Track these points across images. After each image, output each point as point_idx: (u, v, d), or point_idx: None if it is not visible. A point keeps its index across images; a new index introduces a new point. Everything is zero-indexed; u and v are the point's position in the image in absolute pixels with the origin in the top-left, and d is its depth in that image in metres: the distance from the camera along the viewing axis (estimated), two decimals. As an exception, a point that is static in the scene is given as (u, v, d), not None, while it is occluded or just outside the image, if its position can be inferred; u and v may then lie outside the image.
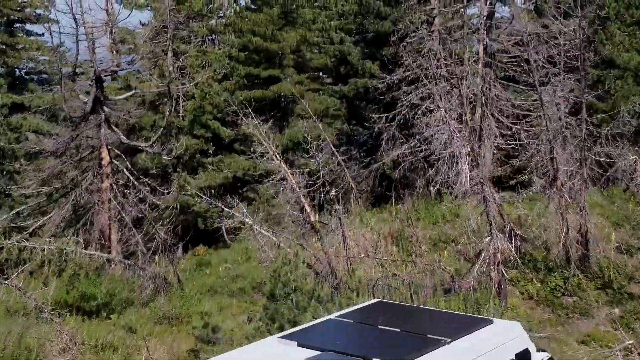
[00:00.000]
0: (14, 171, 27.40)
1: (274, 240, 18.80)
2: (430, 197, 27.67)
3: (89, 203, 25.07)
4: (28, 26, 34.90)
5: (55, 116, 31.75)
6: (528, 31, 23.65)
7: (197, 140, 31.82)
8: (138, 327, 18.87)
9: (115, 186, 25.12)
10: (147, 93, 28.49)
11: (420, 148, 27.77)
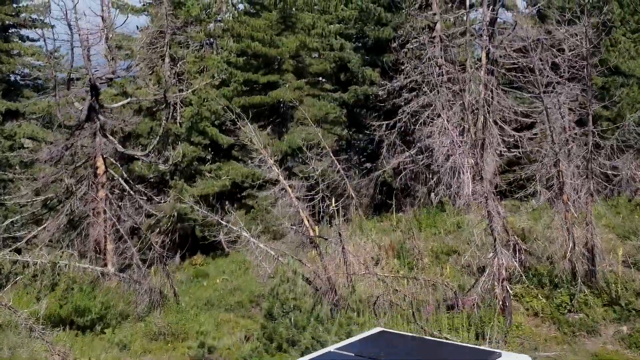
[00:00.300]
0: (8, 180, 26.94)
1: (272, 254, 18.29)
2: (431, 206, 27.21)
3: (84, 213, 24.60)
4: (23, 31, 34.43)
5: (51, 122, 31.30)
6: (531, 37, 23.14)
7: (195, 147, 31.36)
8: (132, 345, 18.38)
9: (110, 195, 24.65)
10: (144, 100, 27.96)
11: (421, 156, 27.33)
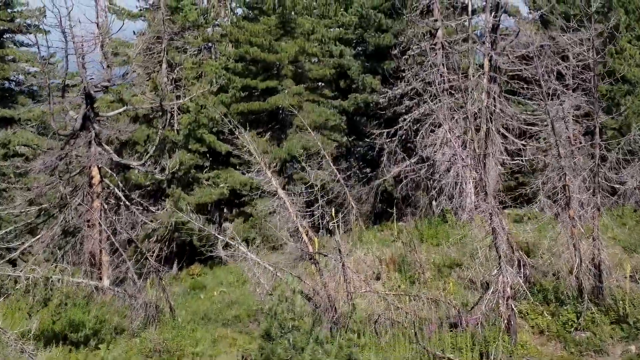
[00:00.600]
0: (2, 189, 26.46)
1: (271, 269, 17.81)
2: (433, 216, 26.72)
3: (79, 224, 24.09)
4: (18, 37, 33.90)
5: (46, 129, 30.83)
6: (535, 44, 22.68)
7: (192, 155, 30.91)
8: (127, 364, 17.91)
9: (106, 206, 24.15)
10: (140, 109, 27.47)
11: (422, 165, 26.87)
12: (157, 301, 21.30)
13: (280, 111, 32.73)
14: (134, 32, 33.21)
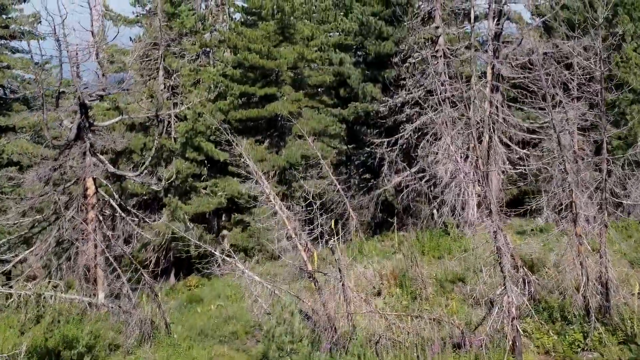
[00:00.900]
0: (-5, 200, 25.96)
1: (269, 287, 17.33)
2: (435, 228, 26.22)
3: (74, 236, 23.58)
4: (13, 43, 33.35)
5: (41, 137, 30.28)
6: (538, 51, 22.20)
7: (190, 163, 30.40)
8: (121, 384, 17.42)
9: (101, 218, 23.66)
10: (136, 118, 26.96)
11: (423, 174, 26.39)
12: (153, 317, 20.82)
13: (279, 118, 32.26)
14: (131, 39, 32.66)
